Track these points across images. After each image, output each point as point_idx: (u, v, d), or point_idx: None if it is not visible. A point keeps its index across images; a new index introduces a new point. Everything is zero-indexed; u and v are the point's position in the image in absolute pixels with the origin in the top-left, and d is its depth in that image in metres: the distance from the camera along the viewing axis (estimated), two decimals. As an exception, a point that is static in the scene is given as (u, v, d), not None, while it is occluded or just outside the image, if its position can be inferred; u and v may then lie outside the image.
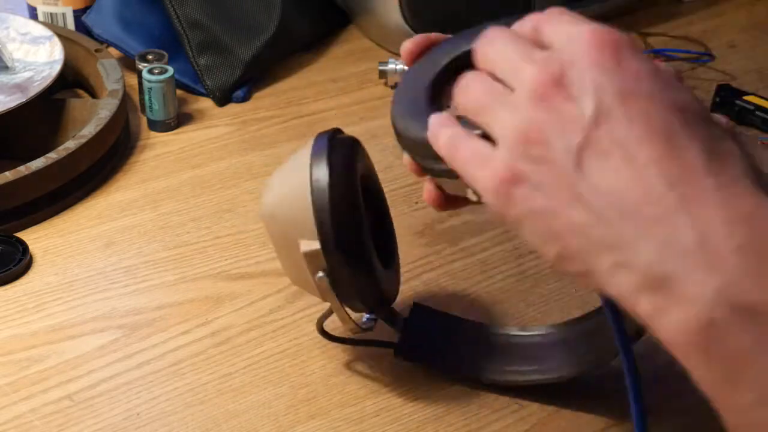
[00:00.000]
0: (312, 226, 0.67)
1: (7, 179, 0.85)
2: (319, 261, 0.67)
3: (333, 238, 0.66)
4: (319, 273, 0.67)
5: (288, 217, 0.68)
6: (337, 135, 0.71)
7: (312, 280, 0.68)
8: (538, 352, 0.73)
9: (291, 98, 1.06)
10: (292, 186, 0.68)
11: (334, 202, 0.66)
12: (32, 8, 1.09)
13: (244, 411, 0.72)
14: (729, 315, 0.42)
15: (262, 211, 0.70)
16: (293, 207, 0.67)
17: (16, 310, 0.80)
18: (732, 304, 0.42)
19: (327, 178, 0.67)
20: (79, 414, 0.71)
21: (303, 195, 0.67)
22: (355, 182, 0.68)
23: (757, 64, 1.13)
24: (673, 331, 0.44)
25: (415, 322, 0.75)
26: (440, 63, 0.60)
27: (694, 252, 0.43)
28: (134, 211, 0.90)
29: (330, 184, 0.67)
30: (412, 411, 0.72)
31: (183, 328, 0.78)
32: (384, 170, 0.94)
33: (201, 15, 1.05)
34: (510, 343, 0.75)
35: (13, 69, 0.97)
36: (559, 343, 0.73)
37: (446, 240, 0.87)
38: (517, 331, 0.75)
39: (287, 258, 0.70)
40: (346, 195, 0.67)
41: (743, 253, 0.43)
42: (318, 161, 0.68)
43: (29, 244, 0.85)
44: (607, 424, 0.71)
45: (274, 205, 0.69)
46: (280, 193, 0.69)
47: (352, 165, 0.69)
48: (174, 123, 1.00)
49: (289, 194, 0.68)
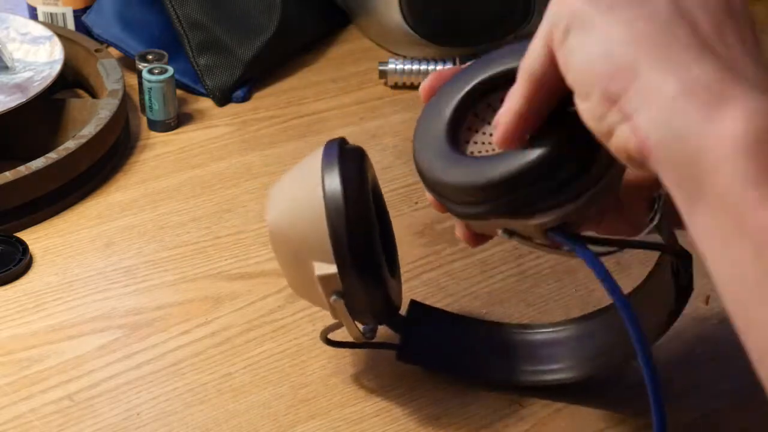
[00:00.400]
0: (327, 248, 0.65)
1: (7, 179, 0.85)
2: (335, 284, 0.66)
3: (349, 261, 0.65)
4: (333, 296, 0.66)
5: (300, 236, 0.66)
6: (345, 146, 0.68)
7: (325, 300, 0.67)
8: (545, 351, 0.73)
9: (291, 98, 1.06)
10: (303, 204, 0.66)
11: (350, 225, 0.65)
12: (32, 8, 1.09)
13: (244, 411, 0.72)
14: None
15: (269, 223, 0.68)
16: (306, 227, 0.65)
17: (16, 310, 0.80)
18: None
19: (342, 201, 0.65)
20: (79, 414, 0.71)
21: (316, 215, 0.65)
22: (369, 201, 0.66)
23: (757, 64, 1.13)
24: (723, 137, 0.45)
25: (414, 320, 0.75)
26: (455, 98, 0.61)
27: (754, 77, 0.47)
28: (134, 211, 0.90)
29: (345, 206, 0.65)
30: (412, 411, 0.72)
31: (183, 328, 0.78)
32: (384, 170, 0.94)
33: (201, 15, 1.05)
34: (515, 341, 0.75)
35: (13, 69, 0.97)
36: (567, 342, 0.73)
37: (446, 240, 0.87)
38: (519, 329, 0.75)
39: (295, 274, 0.68)
40: (362, 217, 0.65)
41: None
42: (330, 177, 0.65)
43: (29, 244, 0.85)
44: (607, 424, 0.71)
45: (283, 221, 0.67)
46: (290, 210, 0.66)
47: (364, 182, 0.66)
48: (174, 123, 1.00)
49: (301, 212, 0.66)
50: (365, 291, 0.67)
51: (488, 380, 0.73)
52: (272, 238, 0.68)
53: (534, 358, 0.73)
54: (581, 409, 0.72)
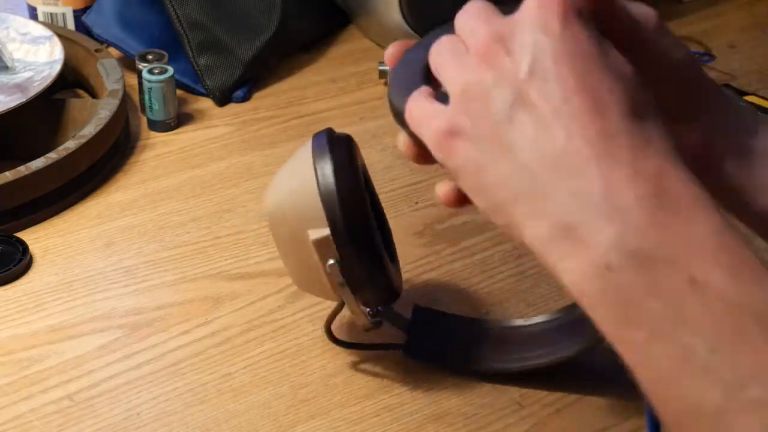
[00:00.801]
0: (320, 215, 0.67)
1: (7, 179, 0.85)
2: (330, 248, 0.67)
3: (342, 223, 0.67)
4: (329, 261, 0.68)
5: (295, 210, 0.68)
6: (333, 133, 0.72)
7: (323, 271, 0.68)
8: (539, 337, 0.74)
9: (291, 98, 1.06)
10: (297, 181, 0.69)
11: (340, 187, 0.68)
12: (32, 8, 1.09)
13: (244, 411, 0.72)
14: (624, 260, 0.45)
15: (266, 210, 0.71)
16: (300, 200, 0.68)
17: (16, 310, 0.80)
18: (628, 250, 0.45)
19: (331, 167, 0.68)
20: (79, 414, 0.71)
21: (309, 187, 0.68)
22: (358, 170, 0.70)
23: (757, 64, 1.13)
24: (574, 275, 0.47)
25: (419, 322, 0.76)
26: None
27: (599, 203, 0.47)
28: (134, 211, 0.90)
29: (335, 171, 0.68)
30: (412, 411, 0.72)
31: (183, 328, 0.78)
32: (384, 170, 0.94)
33: (201, 15, 1.05)
34: (512, 332, 0.75)
35: (13, 69, 0.97)
36: (559, 328, 0.74)
37: (446, 240, 0.87)
38: (520, 322, 0.76)
39: (295, 256, 0.70)
40: (351, 182, 0.68)
41: (642, 205, 0.46)
42: (320, 154, 0.69)
43: (29, 244, 0.85)
44: (607, 424, 0.71)
45: (279, 202, 0.70)
46: (284, 190, 0.70)
47: (353, 155, 0.70)
48: (174, 123, 1.00)
49: (295, 189, 0.69)
50: (360, 256, 0.68)
51: (487, 371, 0.74)
52: (270, 222, 0.70)
53: (535, 343, 0.74)
54: (581, 409, 0.72)
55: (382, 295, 0.71)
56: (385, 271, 0.69)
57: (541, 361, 0.73)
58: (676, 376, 0.44)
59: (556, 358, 0.73)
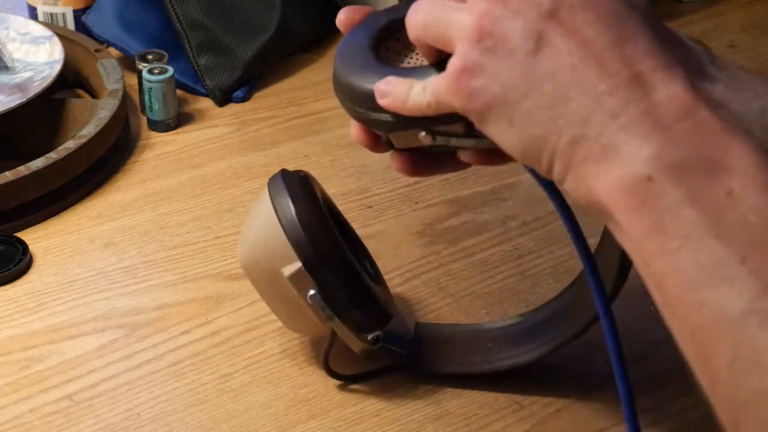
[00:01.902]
0: (289, 250, 0.68)
1: (7, 179, 0.85)
2: (306, 279, 0.68)
3: (311, 250, 0.68)
4: (309, 292, 0.68)
5: (265, 254, 0.69)
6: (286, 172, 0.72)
7: (306, 305, 0.68)
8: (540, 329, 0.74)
9: (291, 98, 1.06)
10: (260, 225, 0.70)
11: (302, 217, 0.68)
12: (32, 8, 1.09)
13: (244, 411, 0.72)
14: (665, 172, 0.47)
15: (241, 264, 0.71)
16: (268, 242, 0.69)
17: (16, 310, 0.80)
18: (669, 162, 0.47)
19: (289, 200, 0.69)
20: (79, 414, 0.71)
21: (272, 226, 0.69)
22: (317, 199, 0.70)
23: (757, 64, 1.13)
24: (611, 187, 0.48)
25: (422, 339, 0.76)
26: (380, 23, 0.61)
27: (640, 121, 0.48)
28: (134, 211, 0.90)
29: (293, 203, 0.69)
30: (412, 411, 0.72)
31: (183, 328, 0.78)
32: (384, 170, 0.94)
33: (201, 15, 1.05)
34: (515, 330, 0.75)
35: (13, 69, 0.97)
36: (527, 331, 0.74)
37: (446, 240, 0.87)
38: (518, 319, 0.76)
39: (278, 300, 0.71)
40: (310, 209, 0.69)
41: (681, 122, 0.48)
42: (277, 193, 0.70)
43: (29, 244, 0.85)
44: (607, 424, 0.71)
45: (250, 251, 0.70)
46: (251, 238, 0.70)
47: (308, 185, 0.71)
48: (174, 123, 1.00)
49: (260, 233, 0.69)
50: (338, 279, 0.68)
51: (490, 371, 0.74)
52: (248, 274, 0.71)
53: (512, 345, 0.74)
54: (581, 409, 0.72)
55: (372, 315, 0.70)
56: (366, 287, 0.69)
57: (503, 363, 0.73)
58: (704, 284, 0.45)
59: (520, 360, 0.72)
